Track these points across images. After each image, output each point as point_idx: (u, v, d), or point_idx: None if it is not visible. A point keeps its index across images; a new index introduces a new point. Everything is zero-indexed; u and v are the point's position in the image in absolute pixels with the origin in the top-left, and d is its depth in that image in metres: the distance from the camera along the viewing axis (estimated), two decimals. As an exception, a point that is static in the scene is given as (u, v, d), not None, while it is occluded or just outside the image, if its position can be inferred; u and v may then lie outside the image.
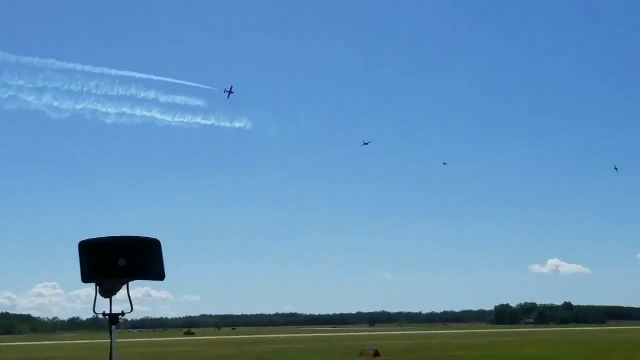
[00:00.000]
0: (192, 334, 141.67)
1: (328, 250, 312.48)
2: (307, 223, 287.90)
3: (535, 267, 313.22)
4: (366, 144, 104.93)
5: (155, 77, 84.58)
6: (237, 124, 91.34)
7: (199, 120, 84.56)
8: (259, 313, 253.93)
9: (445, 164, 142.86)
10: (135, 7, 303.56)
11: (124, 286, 5.46)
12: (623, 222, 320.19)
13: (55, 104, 74.92)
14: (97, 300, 5.38)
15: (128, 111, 79.05)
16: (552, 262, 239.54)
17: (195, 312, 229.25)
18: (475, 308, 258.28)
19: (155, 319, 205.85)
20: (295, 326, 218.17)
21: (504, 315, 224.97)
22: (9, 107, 77.21)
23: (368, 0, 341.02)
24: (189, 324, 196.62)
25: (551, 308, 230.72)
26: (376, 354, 40.29)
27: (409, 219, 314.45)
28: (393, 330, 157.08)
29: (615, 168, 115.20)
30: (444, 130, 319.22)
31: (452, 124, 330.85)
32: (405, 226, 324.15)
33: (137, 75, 77.94)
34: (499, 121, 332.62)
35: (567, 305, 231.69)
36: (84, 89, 73.02)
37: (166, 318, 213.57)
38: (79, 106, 75.96)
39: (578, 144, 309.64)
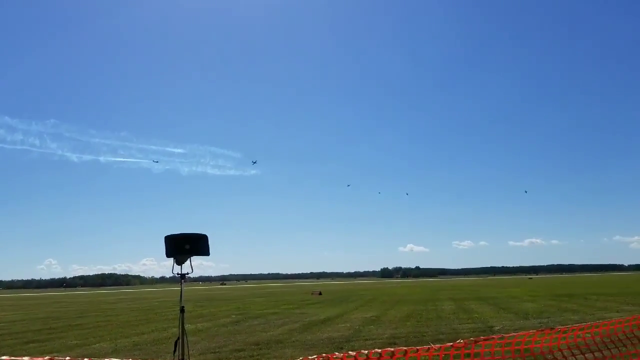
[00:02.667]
0: (224, 284, 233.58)
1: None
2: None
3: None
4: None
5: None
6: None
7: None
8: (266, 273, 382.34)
9: None
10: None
11: (188, 260, 10.06)
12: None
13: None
14: (174, 267, 10.00)
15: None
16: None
17: (226, 272, 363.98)
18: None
19: (204, 277, 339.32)
20: (279, 280, 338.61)
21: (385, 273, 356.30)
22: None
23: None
24: (223, 279, 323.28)
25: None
26: (320, 293, 56.12)
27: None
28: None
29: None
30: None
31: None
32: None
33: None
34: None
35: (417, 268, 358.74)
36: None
37: (210, 276, 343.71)
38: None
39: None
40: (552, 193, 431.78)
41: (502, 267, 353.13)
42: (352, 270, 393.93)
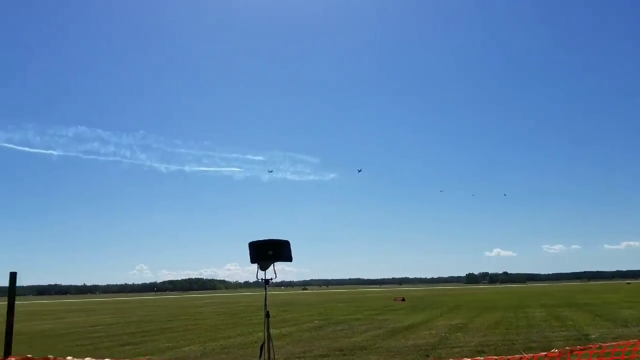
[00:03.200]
0: (306, 289, 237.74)
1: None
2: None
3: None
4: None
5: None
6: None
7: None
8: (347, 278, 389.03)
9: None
10: None
11: (272, 265, 10.30)
12: None
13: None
14: (258, 273, 10.26)
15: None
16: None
17: (307, 278, 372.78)
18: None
19: (286, 282, 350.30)
20: (361, 285, 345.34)
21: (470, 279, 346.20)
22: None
23: None
24: (304, 284, 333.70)
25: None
26: (403, 299, 56.59)
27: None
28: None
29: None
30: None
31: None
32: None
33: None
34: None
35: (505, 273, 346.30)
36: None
37: (291, 281, 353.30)
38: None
39: None
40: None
41: (597, 272, 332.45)
42: (436, 276, 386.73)
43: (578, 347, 6.47)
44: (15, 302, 6.73)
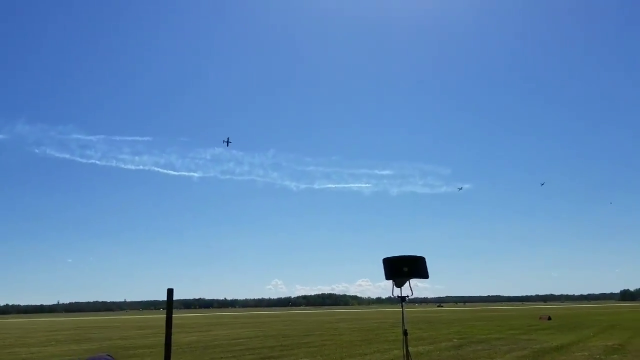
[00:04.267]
0: (441, 306, 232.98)
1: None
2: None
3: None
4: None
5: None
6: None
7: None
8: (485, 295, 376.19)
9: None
10: None
11: (407, 282, 10.25)
12: None
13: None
14: (393, 290, 10.26)
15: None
16: None
17: (442, 294, 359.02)
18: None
19: (420, 298, 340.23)
20: (500, 302, 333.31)
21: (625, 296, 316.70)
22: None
23: None
24: (439, 301, 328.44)
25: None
26: (549, 318, 52.34)
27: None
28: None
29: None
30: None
31: None
32: None
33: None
34: None
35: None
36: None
37: (426, 297, 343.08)
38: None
39: None
40: None
41: None
42: (585, 293, 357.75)
43: None
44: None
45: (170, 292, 7.35)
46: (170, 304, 7.34)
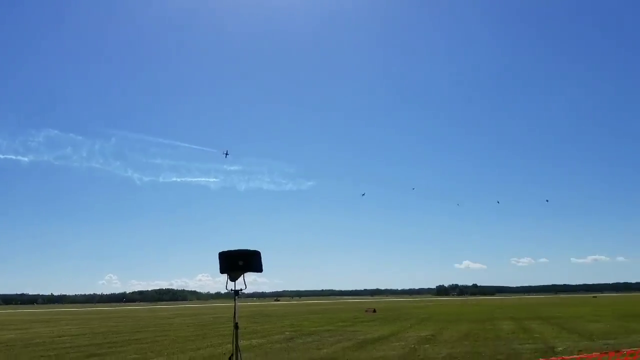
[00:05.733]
0: (279, 300, 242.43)
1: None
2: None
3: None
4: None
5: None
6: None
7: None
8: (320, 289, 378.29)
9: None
10: None
11: (242, 276, 10.18)
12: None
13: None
14: (227, 283, 10.12)
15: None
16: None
17: (280, 289, 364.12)
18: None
19: (258, 292, 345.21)
20: (333, 296, 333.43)
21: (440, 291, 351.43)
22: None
23: None
24: (277, 295, 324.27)
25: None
26: (374, 311, 57.47)
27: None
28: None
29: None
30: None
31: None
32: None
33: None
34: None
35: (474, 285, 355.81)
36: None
37: (264, 292, 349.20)
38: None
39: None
40: (617, 207, 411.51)
41: (564, 285, 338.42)
42: (407, 288, 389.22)
43: (543, 359, 6.56)
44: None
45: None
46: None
